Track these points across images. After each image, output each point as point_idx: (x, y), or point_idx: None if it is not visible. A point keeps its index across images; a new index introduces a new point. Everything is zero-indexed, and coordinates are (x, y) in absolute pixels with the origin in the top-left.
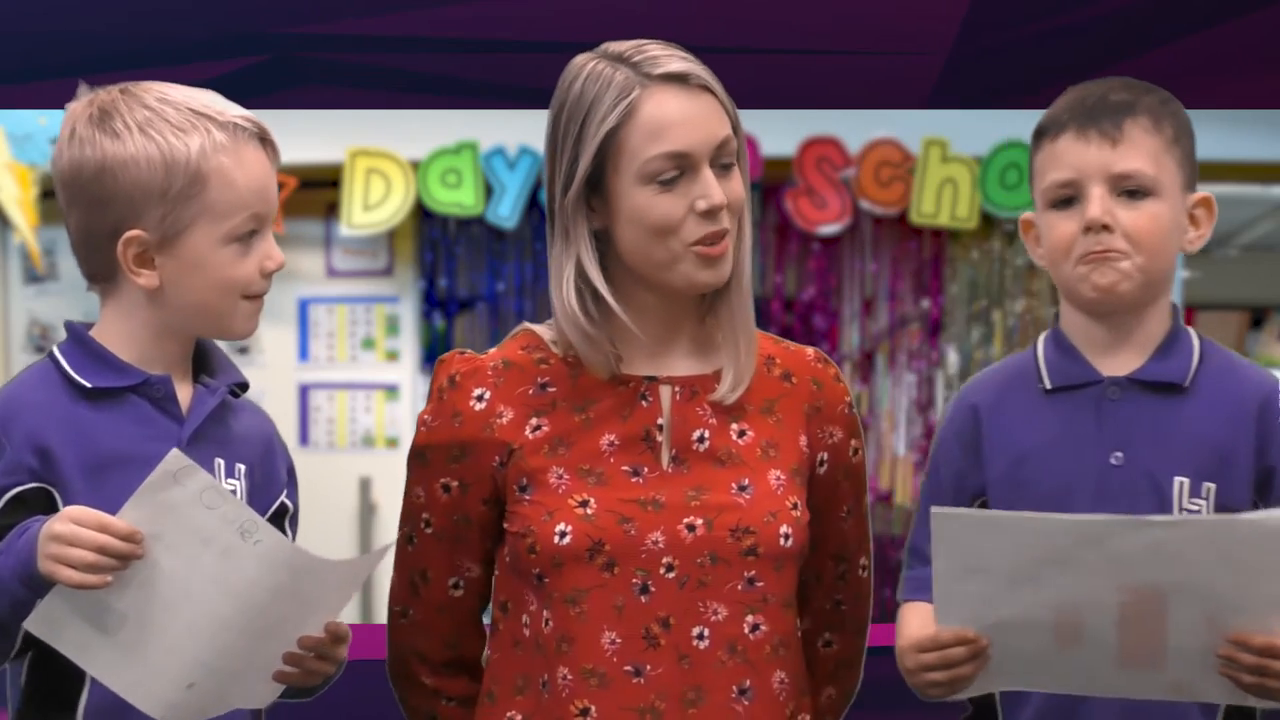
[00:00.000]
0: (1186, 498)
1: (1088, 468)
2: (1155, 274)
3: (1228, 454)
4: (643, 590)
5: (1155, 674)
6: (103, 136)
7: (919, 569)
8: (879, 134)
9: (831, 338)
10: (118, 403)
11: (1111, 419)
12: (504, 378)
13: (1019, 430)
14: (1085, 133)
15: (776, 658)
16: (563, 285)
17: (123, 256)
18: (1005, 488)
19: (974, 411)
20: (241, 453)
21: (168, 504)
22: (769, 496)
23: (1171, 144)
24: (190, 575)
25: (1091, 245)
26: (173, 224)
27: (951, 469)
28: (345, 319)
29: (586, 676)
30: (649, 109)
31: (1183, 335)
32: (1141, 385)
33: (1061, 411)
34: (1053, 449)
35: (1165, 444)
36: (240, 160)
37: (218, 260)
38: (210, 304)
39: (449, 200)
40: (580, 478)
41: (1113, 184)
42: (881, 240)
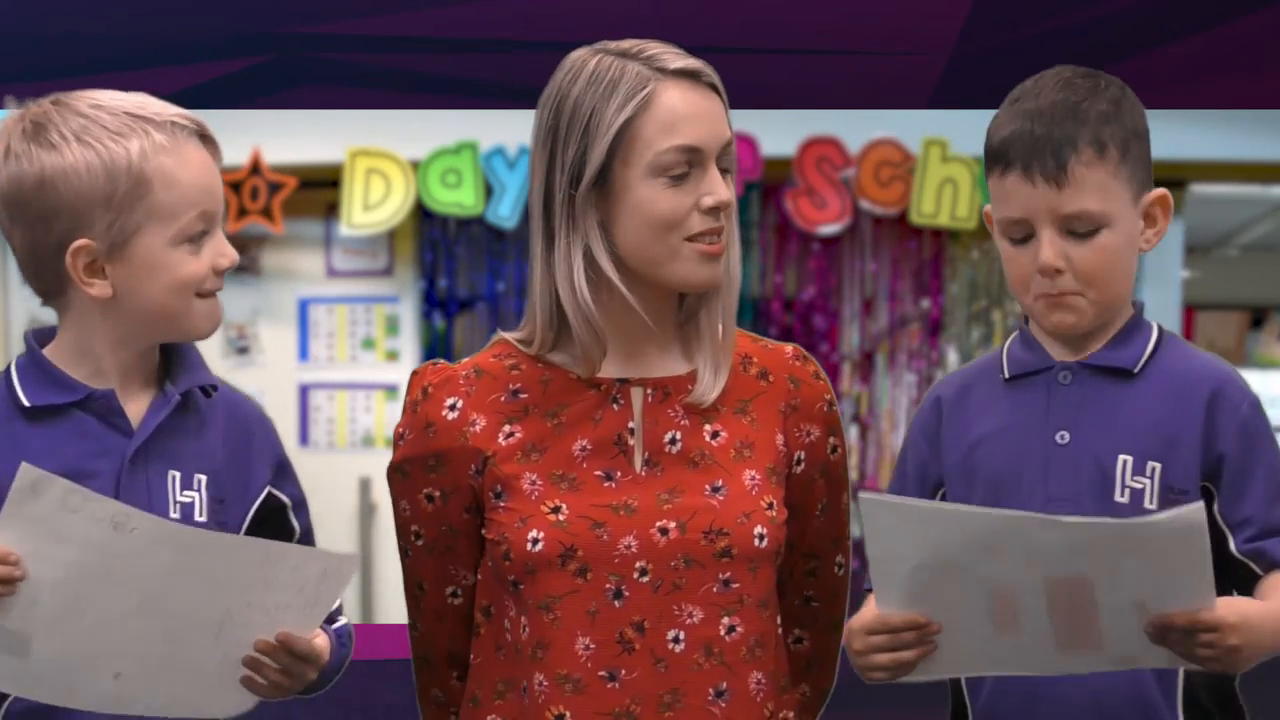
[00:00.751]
0: (1130, 475)
1: (1034, 449)
2: (1114, 298)
3: (1174, 436)
4: (616, 595)
5: (1095, 652)
6: (39, 149)
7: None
8: (879, 134)
9: (831, 338)
10: (61, 420)
11: (1060, 402)
12: (476, 386)
13: (975, 418)
14: (1030, 174)
15: (753, 658)
16: (573, 275)
17: (73, 268)
18: (959, 473)
19: (938, 404)
20: (202, 462)
21: (34, 517)
22: (743, 497)
23: (1119, 164)
24: (78, 580)
25: (1047, 288)
26: (120, 230)
27: (916, 459)
28: (345, 319)
29: (561, 682)
30: (664, 102)
31: (1141, 326)
32: (1092, 370)
33: (1016, 398)
34: (1004, 433)
35: (1111, 424)
36: (182, 159)
37: (169, 261)
38: (166, 306)
39: (449, 200)
40: (553, 484)
41: (1062, 224)
42: (881, 240)
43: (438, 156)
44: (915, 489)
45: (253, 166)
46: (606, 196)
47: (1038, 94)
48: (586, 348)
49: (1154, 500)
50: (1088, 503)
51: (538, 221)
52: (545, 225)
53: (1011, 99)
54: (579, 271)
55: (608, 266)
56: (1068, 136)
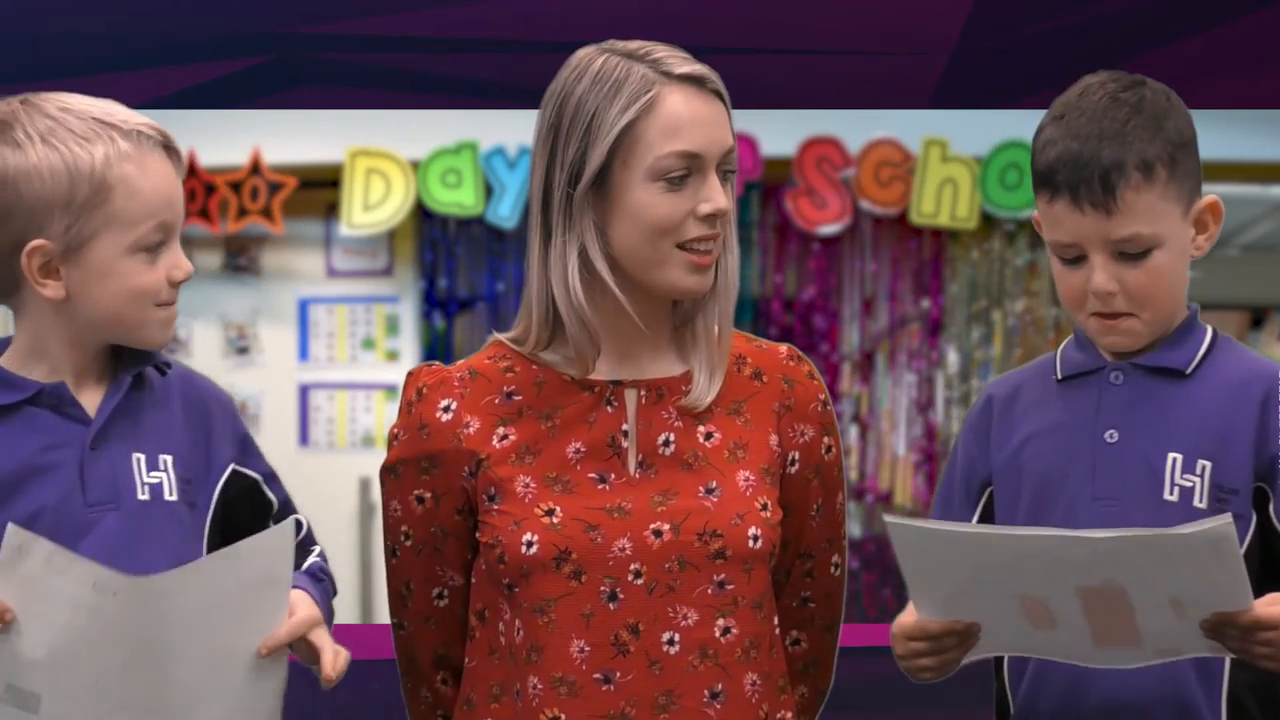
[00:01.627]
0: (1180, 474)
1: (1083, 447)
2: (1168, 314)
3: (1226, 435)
4: (611, 598)
5: (1135, 649)
6: (3, 148)
7: None
8: (879, 134)
9: (831, 338)
10: (14, 418)
11: (1111, 401)
12: (470, 388)
13: (1026, 417)
14: (1079, 203)
15: (748, 660)
16: (567, 275)
17: (27, 268)
18: (1007, 471)
19: (989, 402)
20: (165, 442)
21: (25, 578)
22: (737, 498)
23: (1168, 183)
24: (71, 640)
25: (1099, 308)
26: (77, 234)
27: (965, 456)
28: (345, 319)
29: (556, 685)
30: (668, 106)
31: (1195, 328)
32: (1144, 370)
33: (1068, 398)
34: (1053, 432)
35: (1161, 423)
36: (145, 169)
37: (124, 270)
38: (119, 313)
39: (449, 200)
40: (547, 486)
41: (1113, 248)
42: (881, 240)
43: (438, 156)
44: (962, 487)
45: (253, 166)
46: (604, 197)
47: (1081, 111)
48: (580, 347)
49: (1203, 499)
50: (1134, 502)
51: (536, 218)
52: (543, 223)
53: (1055, 115)
54: (574, 271)
55: (602, 268)
56: (1115, 162)
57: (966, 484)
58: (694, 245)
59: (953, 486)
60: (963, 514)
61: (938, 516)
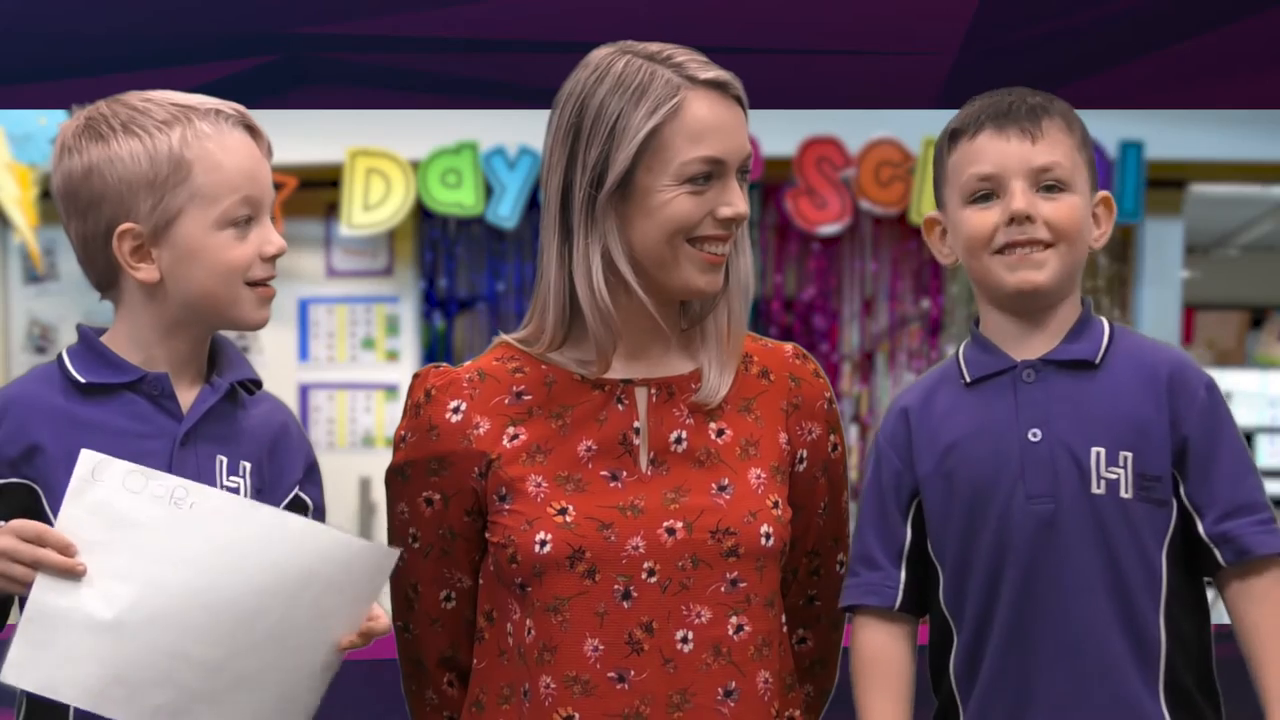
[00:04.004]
0: (1105, 466)
1: (1009, 448)
2: (1072, 265)
3: (1142, 423)
4: (625, 596)
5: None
6: (89, 142)
7: (865, 574)
8: (879, 134)
9: (831, 338)
10: (114, 400)
11: (1028, 399)
12: (480, 389)
13: (944, 425)
14: (1004, 130)
15: (761, 657)
16: (592, 275)
17: (119, 251)
18: (936, 480)
19: (904, 414)
20: (247, 450)
21: (96, 505)
22: (749, 496)
23: (1080, 146)
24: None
25: (1015, 235)
26: (163, 213)
27: (890, 470)
28: (345, 319)
29: (570, 684)
30: (693, 111)
31: (1093, 320)
32: (1054, 365)
33: (982, 401)
34: (976, 436)
35: (1080, 417)
36: (224, 145)
37: (212, 245)
38: (212, 292)
39: (449, 200)
40: (559, 485)
41: (1032, 178)
42: (881, 240)
43: (438, 156)
44: (893, 499)
45: None
46: (626, 199)
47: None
48: (603, 347)
49: (1129, 489)
50: (1065, 498)
51: (553, 218)
52: (562, 223)
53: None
54: (598, 272)
55: (625, 268)
56: (1040, 104)
57: (896, 496)
58: (707, 244)
59: (883, 501)
60: (898, 529)
61: (873, 533)
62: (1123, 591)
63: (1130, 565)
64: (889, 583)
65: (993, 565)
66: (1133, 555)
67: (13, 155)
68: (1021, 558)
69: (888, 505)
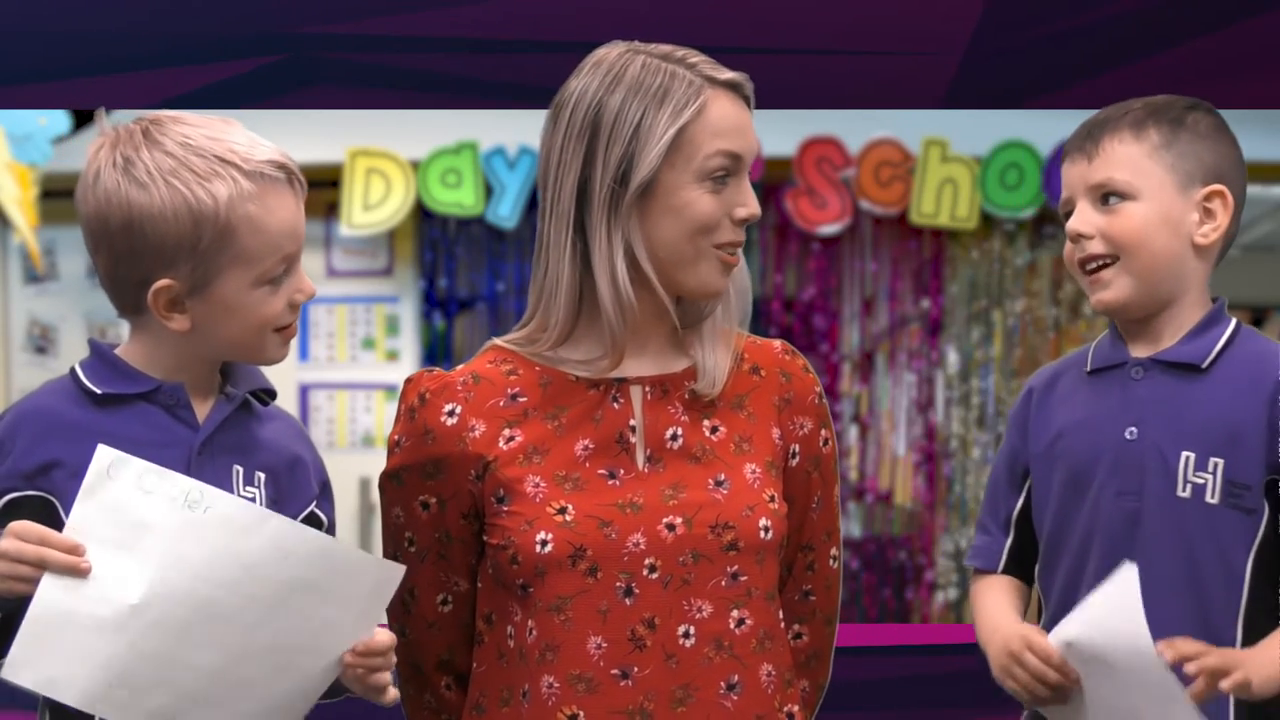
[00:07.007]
0: (1192, 471)
1: (1108, 442)
2: (1150, 274)
3: (1238, 432)
4: (626, 593)
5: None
6: (128, 185)
7: (979, 538)
8: (879, 134)
9: (831, 338)
10: (129, 410)
11: (1133, 397)
12: (474, 392)
13: (1059, 409)
14: (1071, 155)
15: (762, 650)
16: (616, 273)
17: (154, 305)
18: (1043, 461)
19: (1029, 394)
20: (263, 461)
21: (109, 503)
22: (746, 490)
23: (1157, 148)
24: (163, 569)
25: (1076, 253)
26: (203, 275)
27: (1008, 447)
28: (345, 319)
29: (574, 683)
30: (716, 110)
31: (1220, 321)
32: (1161, 365)
33: (1096, 392)
34: (1082, 426)
35: (1176, 420)
36: (268, 207)
37: (248, 303)
38: (241, 342)
39: (449, 200)
40: (557, 485)
41: (1092, 195)
42: (881, 240)
43: (438, 156)
44: (1005, 475)
45: None
46: (648, 197)
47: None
48: (618, 343)
49: (1215, 495)
50: (1150, 499)
51: (565, 217)
52: (577, 221)
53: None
54: (622, 270)
55: (648, 266)
56: (1110, 117)
57: (1010, 472)
58: (725, 246)
59: (999, 475)
60: (1008, 501)
61: (989, 502)
62: (1199, 594)
63: (1210, 570)
64: (995, 546)
65: (1080, 552)
66: (1213, 560)
67: (13, 155)
68: (1105, 549)
69: (1001, 476)
